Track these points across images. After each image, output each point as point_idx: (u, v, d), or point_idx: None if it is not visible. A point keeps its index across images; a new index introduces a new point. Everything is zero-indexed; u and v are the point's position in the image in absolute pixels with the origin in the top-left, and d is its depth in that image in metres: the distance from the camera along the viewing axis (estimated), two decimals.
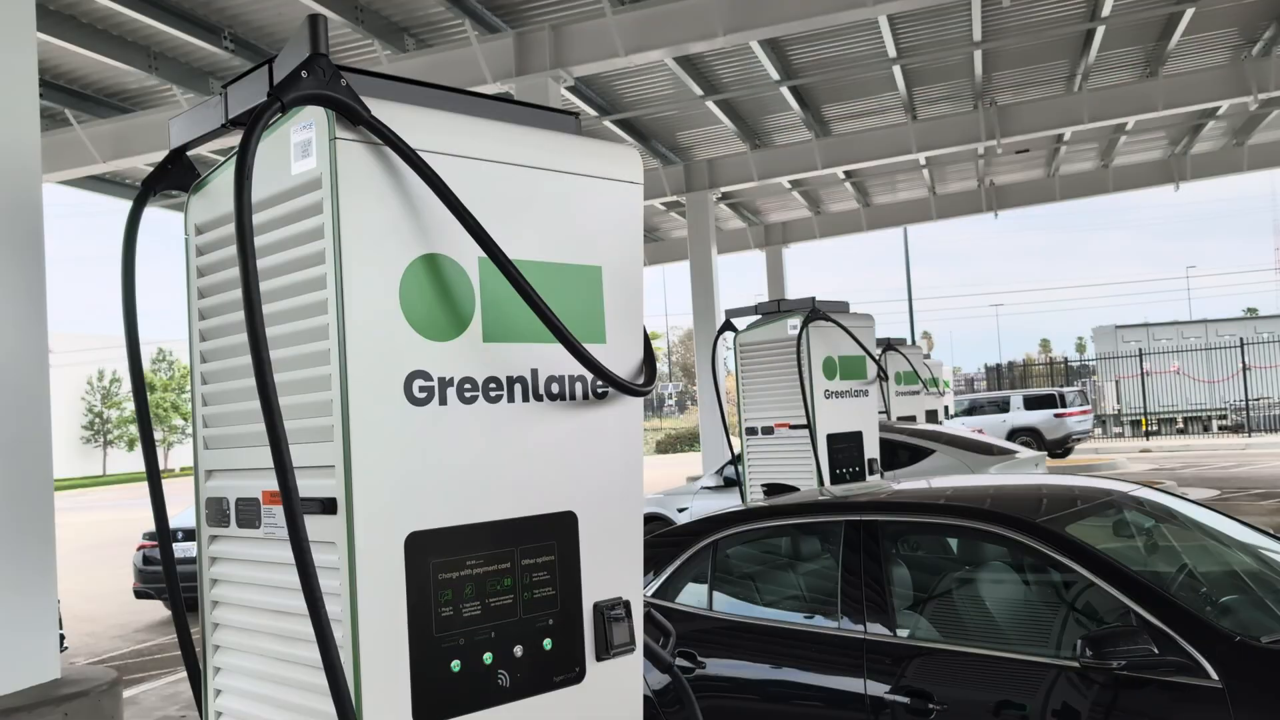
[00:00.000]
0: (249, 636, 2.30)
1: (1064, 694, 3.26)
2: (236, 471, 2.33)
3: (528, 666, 2.22)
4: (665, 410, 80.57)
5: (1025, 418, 26.68)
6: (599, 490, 2.39)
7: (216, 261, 2.39)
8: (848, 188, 19.36)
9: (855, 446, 8.11)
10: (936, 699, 3.47)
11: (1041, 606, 3.85)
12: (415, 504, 2.07)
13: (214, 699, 2.40)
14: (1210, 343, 32.93)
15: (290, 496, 1.85)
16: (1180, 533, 4.21)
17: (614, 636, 2.36)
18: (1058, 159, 18.69)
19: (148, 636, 11.19)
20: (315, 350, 2.07)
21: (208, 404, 2.42)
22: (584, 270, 2.40)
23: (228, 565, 2.37)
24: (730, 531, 4.37)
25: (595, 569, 2.37)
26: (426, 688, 2.06)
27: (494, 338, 2.22)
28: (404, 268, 2.09)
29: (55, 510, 4.30)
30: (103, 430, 62.94)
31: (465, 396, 2.16)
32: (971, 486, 4.43)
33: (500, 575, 2.19)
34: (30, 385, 4.15)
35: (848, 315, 8.25)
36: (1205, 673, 3.05)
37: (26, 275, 4.24)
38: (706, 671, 4.04)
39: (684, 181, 16.14)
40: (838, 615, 3.87)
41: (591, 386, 2.39)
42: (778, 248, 22.14)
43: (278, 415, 1.85)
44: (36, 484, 4.16)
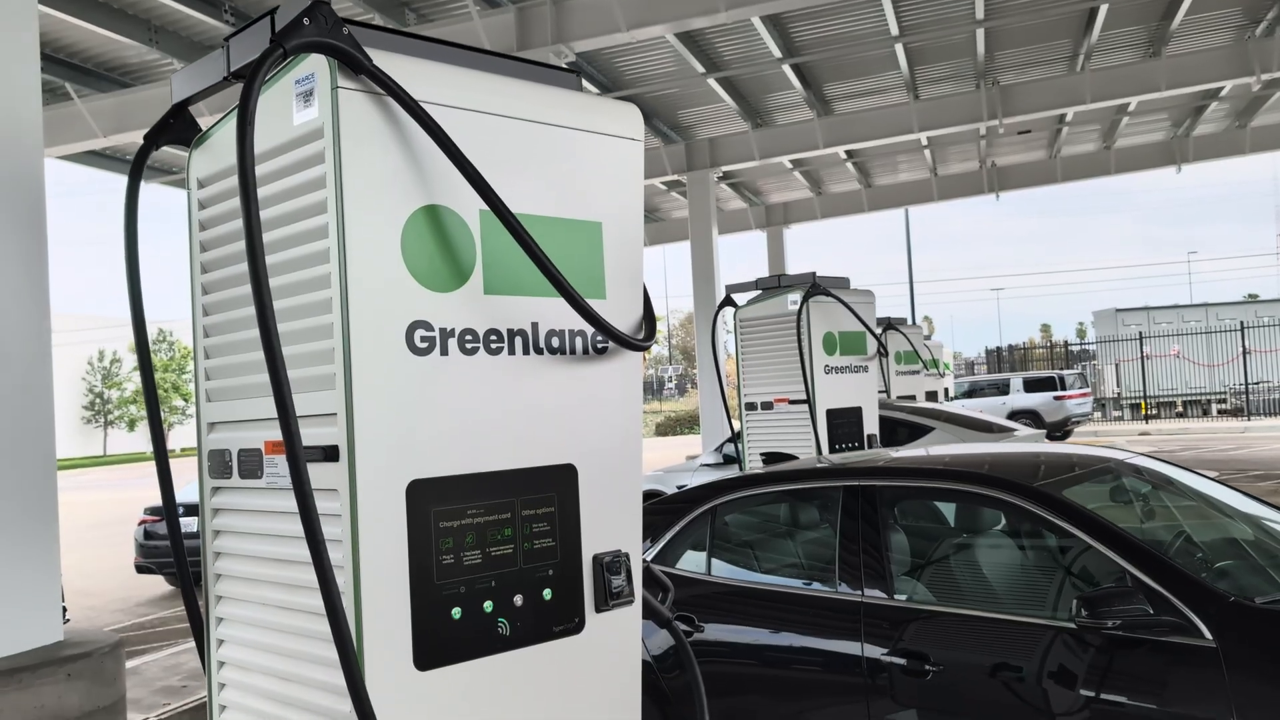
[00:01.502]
0: (251, 587, 2.33)
1: (1060, 655, 3.29)
2: (239, 423, 2.35)
3: (528, 615, 2.24)
4: (665, 393, 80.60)
5: (1025, 400, 26.71)
6: (598, 444, 2.41)
7: (219, 214, 2.40)
8: (849, 168, 19.32)
9: (854, 422, 8.13)
10: (933, 660, 3.50)
11: (1038, 570, 3.88)
12: (416, 452, 2.09)
13: (217, 649, 2.43)
14: (1210, 326, 32.92)
15: (293, 441, 1.86)
16: (1178, 500, 4.24)
17: (613, 588, 2.38)
18: (1059, 140, 18.64)
19: (149, 610, 11.24)
20: (317, 299, 2.09)
21: (210, 357, 2.44)
22: (584, 226, 2.41)
23: (230, 517, 2.40)
24: (728, 498, 4.40)
25: (594, 522, 2.39)
26: (427, 634, 2.08)
27: (495, 290, 2.23)
28: (405, 218, 2.10)
29: (57, 481, 4.33)
30: (103, 410, 62.98)
31: (466, 348, 2.18)
32: (970, 454, 4.45)
33: (500, 525, 2.21)
34: (31, 341, 4.17)
35: (848, 291, 8.26)
36: (1199, 632, 3.08)
37: (28, 247, 4.24)
38: (705, 636, 4.07)
39: (685, 160, 16.11)
40: (836, 580, 3.90)
41: (592, 341, 2.40)
42: (779, 228, 22.11)
43: (280, 362, 1.87)
44: (38, 449, 4.18)
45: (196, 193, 2.46)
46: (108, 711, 4.08)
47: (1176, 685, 3.07)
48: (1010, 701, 3.34)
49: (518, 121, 2.29)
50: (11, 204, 4.20)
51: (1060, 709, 3.25)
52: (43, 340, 4.28)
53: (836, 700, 3.71)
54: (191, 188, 2.48)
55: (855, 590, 3.81)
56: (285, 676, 2.22)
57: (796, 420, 8.00)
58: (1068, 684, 3.25)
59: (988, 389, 28.06)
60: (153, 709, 6.83)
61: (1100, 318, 35.67)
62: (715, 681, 4.00)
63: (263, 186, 2.19)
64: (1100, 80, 14.02)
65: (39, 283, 4.30)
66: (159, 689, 7.42)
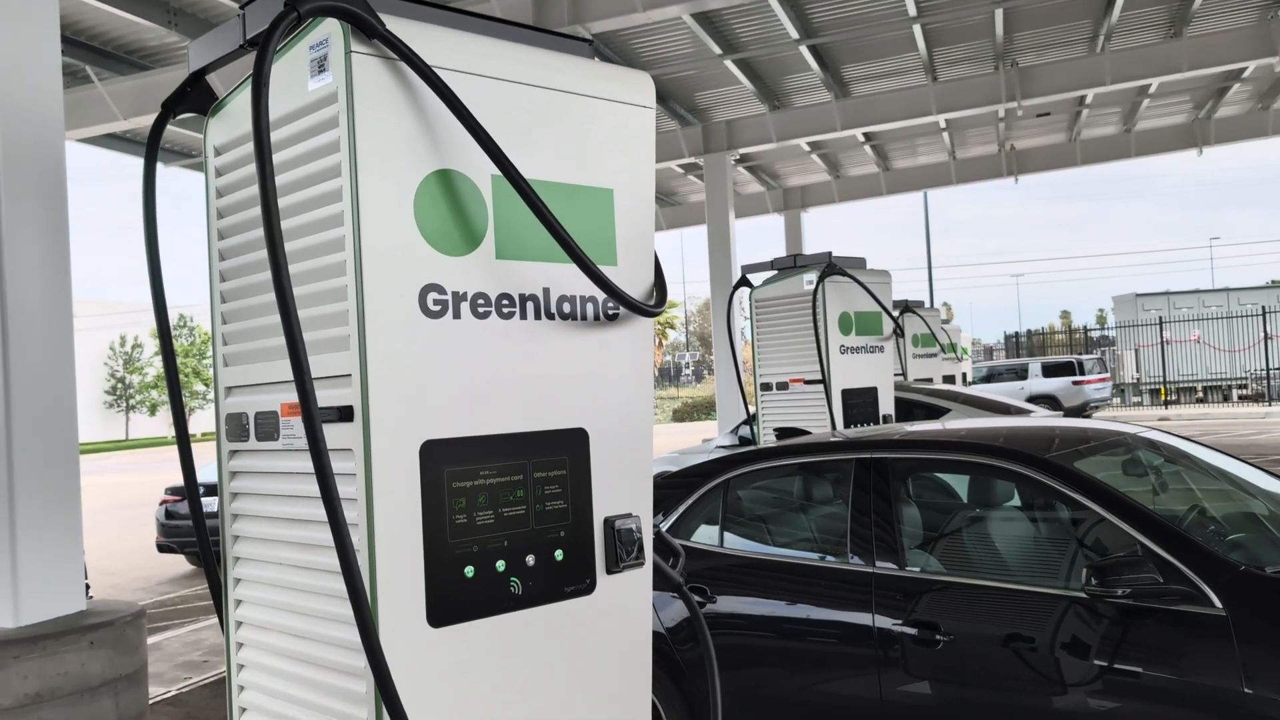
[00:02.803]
0: (268, 547, 2.37)
1: (1070, 624, 3.30)
2: (255, 386, 2.38)
3: (540, 575, 2.27)
4: (682, 379, 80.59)
5: (1043, 385, 26.60)
6: (610, 409, 2.43)
7: (236, 181, 2.43)
8: (867, 151, 19.23)
9: (870, 402, 8.14)
10: (944, 630, 3.52)
11: (1049, 541, 3.89)
12: (430, 413, 2.12)
13: (234, 609, 2.47)
14: (1232, 311, 32.67)
15: (308, 402, 1.90)
16: (1194, 474, 4.24)
17: (624, 551, 2.41)
18: (1079, 123, 18.50)
19: (170, 589, 11.37)
20: (332, 262, 2.12)
21: (227, 322, 2.47)
22: (596, 192, 2.43)
23: (247, 479, 2.44)
24: (741, 471, 4.42)
25: (606, 485, 2.41)
26: (441, 592, 2.12)
27: (507, 255, 2.26)
28: (418, 182, 2.13)
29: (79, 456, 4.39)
30: (125, 395, 63.49)
31: (478, 311, 2.21)
32: (985, 428, 4.46)
33: (513, 486, 2.24)
34: (53, 308, 4.22)
35: (864, 271, 8.25)
36: (1210, 601, 3.09)
37: (50, 227, 4.29)
38: (718, 608, 4.10)
39: (702, 143, 16.07)
40: (847, 551, 3.92)
41: (603, 308, 2.42)
42: (796, 212, 22.03)
43: (296, 324, 1.90)
44: (60, 422, 4.24)
45: (213, 160, 2.50)
46: (130, 680, 4.14)
47: (1186, 654, 3.08)
48: (1020, 670, 3.36)
49: (530, 88, 2.31)
50: (33, 184, 4.25)
51: (1071, 678, 3.27)
52: (64, 312, 4.33)
53: (848, 671, 3.73)
54: (208, 155, 2.51)
55: (867, 562, 3.83)
56: (302, 635, 2.26)
57: (812, 400, 8.02)
58: (1078, 653, 3.27)
59: (1006, 374, 27.95)
60: (174, 683, 6.93)
61: (1120, 303, 35.46)
62: (727, 653, 4.03)
63: (278, 152, 2.22)
64: (1120, 61, 13.90)
65: (60, 257, 4.35)
66: (180, 664, 7.52)
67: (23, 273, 4.12)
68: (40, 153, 4.27)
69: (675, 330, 74.71)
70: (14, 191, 4.11)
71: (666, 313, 63.42)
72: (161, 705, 6.32)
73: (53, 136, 4.36)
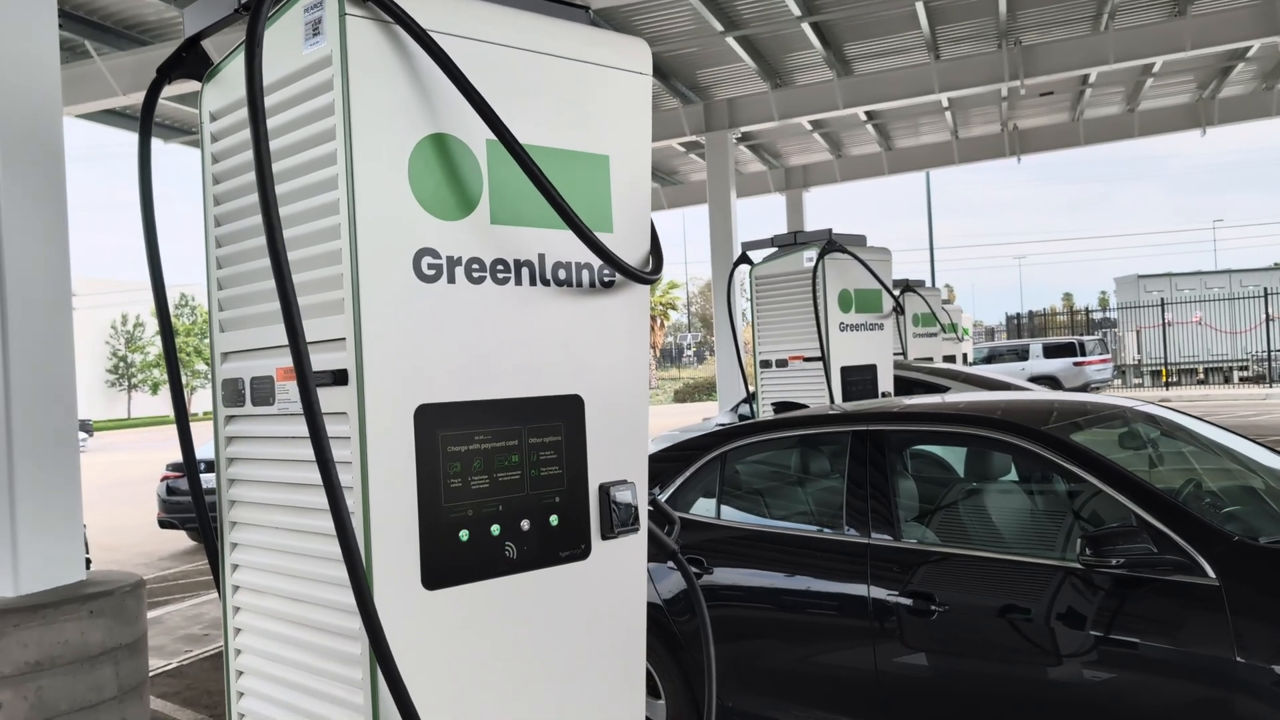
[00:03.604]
0: (264, 512, 2.38)
1: (1064, 594, 3.31)
2: (251, 351, 2.39)
3: (534, 540, 2.28)
4: (684, 360, 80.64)
5: (1044, 366, 26.61)
6: (605, 376, 2.44)
7: (231, 146, 2.43)
8: (869, 130, 19.17)
9: (869, 379, 8.15)
10: (938, 601, 3.54)
11: (1044, 512, 3.90)
12: (424, 377, 2.13)
13: (231, 574, 2.49)
14: (1234, 293, 32.62)
15: (302, 363, 1.90)
16: (1191, 448, 4.25)
17: (619, 517, 2.42)
18: (1083, 102, 18.43)
19: (172, 564, 11.42)
20: (326, 226, 2.12)
21: (223, 287, 2.48)
22: (591, 159, 2.42)
23: (244, 444, 2.44)
24: (738, 444, 4.43)
25: (601, 452, 2.42)
26: (435, 555, 2.13)
27: (501, 220, 2.26)
28: (413, 146, 2.13)
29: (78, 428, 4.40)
30: (126, 374, 63.60)
31: (473, 276, 2.21)
32: (982, 401, 4.46)
33: (508, 452, 2.25)
34: (52, 282, 4.22)
35: (864, 248, 8.24)
36: (1203, 571, 3.10)
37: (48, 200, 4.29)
38: (714, 579, 4.12)
39: (703, 121, 16.01)
40: (843, 523, 3.93)
41: (598, 275, 2.42)
42: (798, 191, 21.99)
43: (290, 286, 1.91)
44: (59, 393, 4.25)
45: (209, 126, 2.49)
46: (130, 649, 4.16)
47: (1180, 623, 3.10)
48: (1014, 640, 3.38)
49: (526, 53, 2.30)
50: (31, 159, 4.24)
51: (1065, 648, 3.28)
52: (62, 286, 4.33)
53: (843, 642, 3.75)
54: (204, 121, 2.51)
55: (862, 533, 3.85)
56: (297, 598, 2.27)
57: (811, 377, 8.03)
58: (1072, 623, 3.28)
59: (1007, 354, 27.96)
60: (175, 655, 6.97)
61: (1122, 284, 35.40)
62: (724, 624, 4.05)
63: (272, 116, 2.22)
64: (1124, 40, 13.83)
65: (58, 229, 4.35)
66: (181, 637, 7.56)
67: (21, 245, 4.12)
68: (38, 127, 4.26)
69: (677, 311, 74.62)
70: (11, 166, 4.11)
71: (667, 294, 63.34)
72: (162, 677, 6.36)
73: (50, 111, 4.34)
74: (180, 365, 2.66)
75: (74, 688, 3.91)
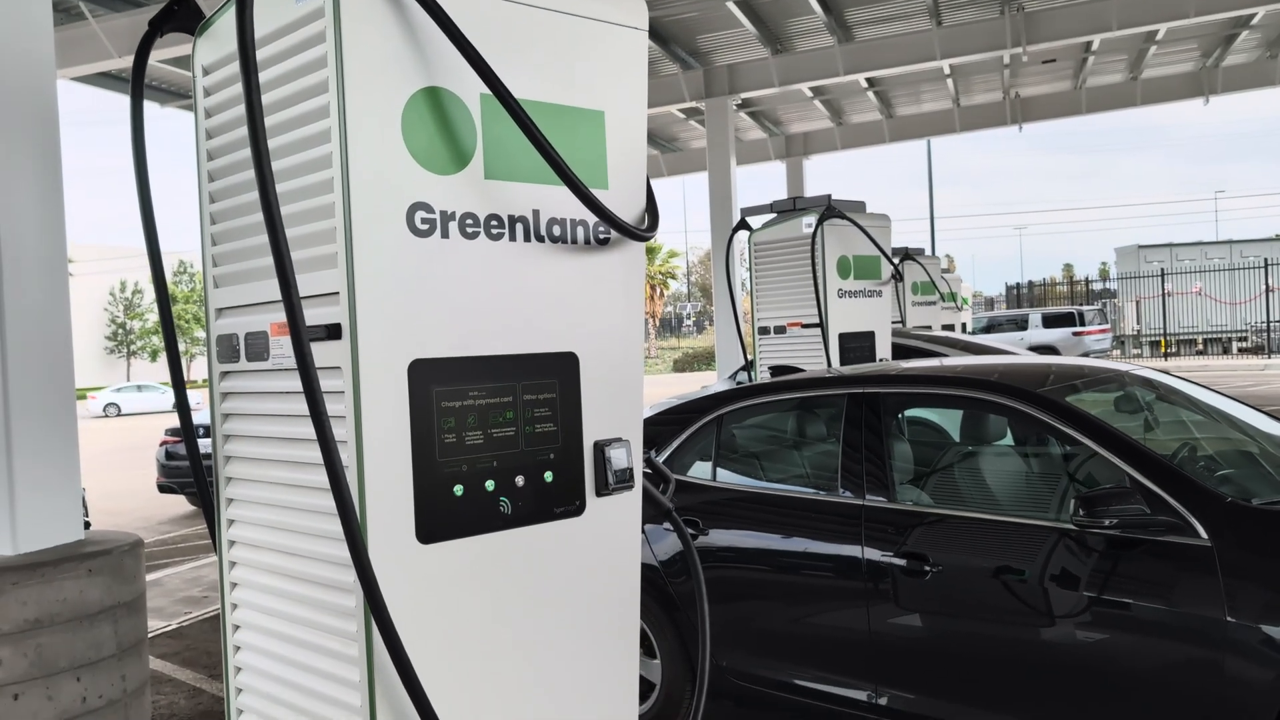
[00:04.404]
0: (260, 467, 2.38)
1: (1058, 555, 3.33)
2: (245, 307, 2.39)
3: (529, 496, 2.29)
4: (684, 330, 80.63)
5: (1043, 336, 26.60)
6: (600, 334, 2.44)
7: (223, 101, 2.41)
8: (870, 97, 19.05)
9: (867, 346, 8.15)
10: (932, 561, 3.55)
11: (1038, 474, 3.91)
12: (418, 332, 2.12)
13: (227, 529, 2.50)
14: (1235, 264, 32.56)
15: (295, 316, 1.90)
16: (1187, 412, 4.25)
17: (613, 474, 2.43)
18: (1085, 70, 18.30)
19: (171, 528, 11.47)
20: (319, 180, 2.11)
21: (217, 243, 2.47)
22: (586, 114, 2.41)
23: (238, 400, 2.45)
24: (734, 407, 4.43)
25: (596, 409, 2.42)
26: (430, 509, 2.13)
27: (496, 175, 2.24)
28: (406, 99, 2.11)
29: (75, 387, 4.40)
30: (125, 341, 63.58)
31: (467, 231, 2.20)
32: (979, 364, 4.46)
33: (502, 408, 2.25)
34: (47, 243, 4.21)
35: (864, 215, 8.21)
36: (1195, 532, 3.11)
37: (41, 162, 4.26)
38: (710, 541, 4.14)
39: (703, 87, 15.91)
40: (838, 485, 3.94)
41: (593, 231, 2.41)
42: (798, 159, 21.88)
43: (283, 239, 1.91)
44: (57, 352, 4.25)
45: (201, 80, 2.47)
46: (128, 607, 4.19)
47: (1172, 584, 3.11)
48: (1007, 600, 3.40)
49: (520, 6, 2.28)
50: (24, 120, 4.22)
51: (1058, 608, 3.30)
52: (58, 247, 4.32)
53: (837, 603, 3.77)
54: (196, 75, 2.49)
55: (857, 495, 3.86)
56: (293, 552, 2.28)
57: (809, 344, 8.02)
58: (1065, 583, 3.30)
59: (1006, 324, 27.94)
60: (174, 617, 7.01)
61: (1123, 254, 35.34)
62: (719, 585, 4.07)
63: (265, 70, 2.20)
64: (1127, 6, 13.72)
65: (53, 185, 4.32)
66: (180, 599, 7.60)
67: (16, 206, 4.10)
68: (31, 89, 4.23)
69: (676, 281, 74.50)
70: (5, 127, 4.08)
71: (667, 263, 63.15)
72: (162, 638, 6.40)
73: (43, 72, 4.31)
74: (177, 331, 2.66)
75: (73, 645, 3.94)
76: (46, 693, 3.86)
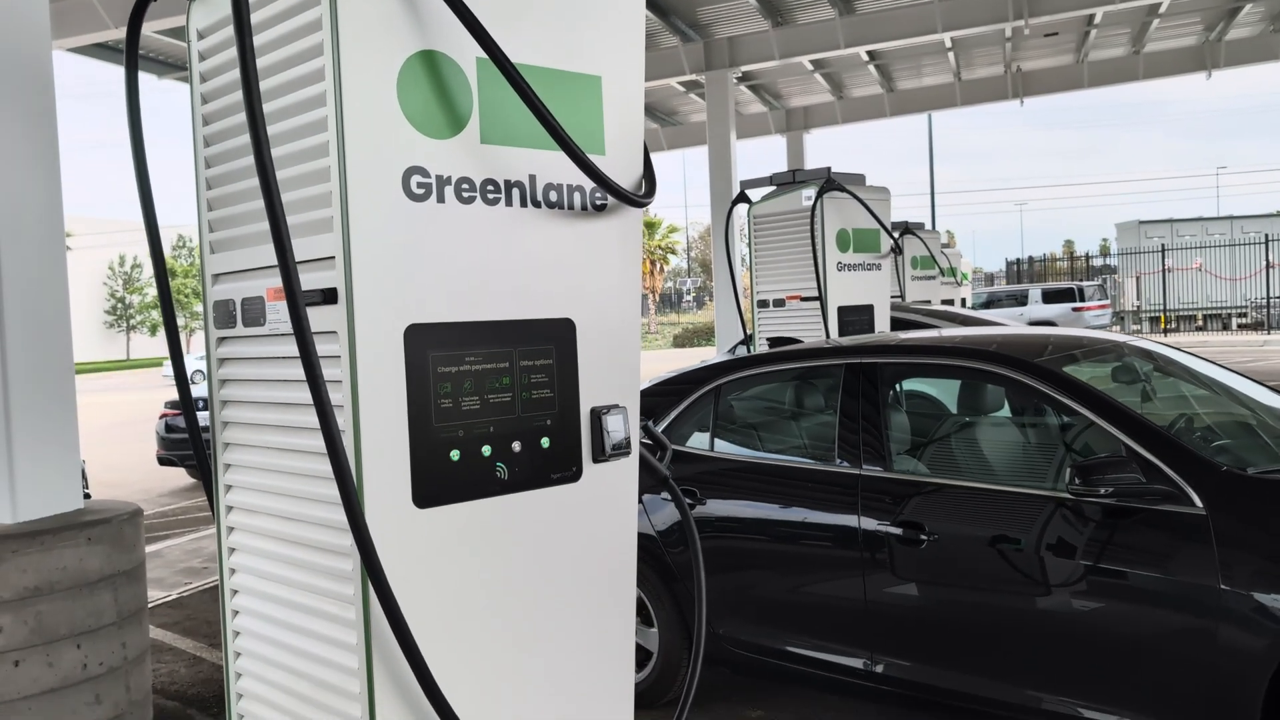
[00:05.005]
0: (256, 432, 2.39)
1: (1054, 524, 3.34)
2: (241, 273, 2.38)
3: (525, 462, 2.29)
4: (684, 306, 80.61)
5: (1042, 311, 26.60)
6: (597, 300, 2.43)
7: (218, 65, 2.40)
8: (871, 71, 18.95)
9: (866, 320, 8.14)
10: (928, 530, 3.57)
11: (1035, 444, 3.92)
12: (414, 297, 2.12)
13: (225, 494, 2.50)
14: (1235, 240, 32.49)
15: (291, 280, 1.90)
16: (1185, 383, 4.26)
17: (610, 441, 2.43)
18: (1087, 44, 18.19)
19: (171, 500, 11.50)
20: (315, 144, 2.10)
21: (213, 209, 2.46)
22: (583, 79, 2.39)
23: (235, 366, 2.45)
24: (732, 377, 4.44)
25: (593, 375, 2.42)
26: (426, 474, 2.14)
27: (491, 140, 2.24)
28: (401, 63, 2.10)
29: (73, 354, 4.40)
30: (125, 315, 63.55)
31: (463, 196, 2.19)
32: (977, 335, 4.46)
33: (499, 374, 2.25)
34: (44, 212, 4.20)
35: (863, 188, 8.19)
36: (1190, 501, 3.12)
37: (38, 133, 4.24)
38: (707, 510, 4.15)
39: (703, 60, 15.82)
40: (835, 455, 3.95)
41: (590, 197, 2.41)
42: (799, 133, 21.79)
43: (278, 202, 1.90)
44: (54, 321, 4.25)
45: (196, 45, 2.46)
46: (128, 576, 4.21)
47: (1168, 552, 3.13)
48: (1002, 568, 3.41)
49: None
50: (20, 90, 4.19)
51: (1054, 577, 3.32)
52: (54, 216, 4.31)
53: (834, 572, 3.79)
54: (191, 40, 2.47)
55: (854, 465, 3.87)
56: (290, 516, 2.29)
57: (808, 318, 8.02)
58: (1061, 552, 3.31)
59: (1006, 300, 27.94)
60: (175, 587, 7.05)
61: (1123, 230, 35.28)
62: (716, 555, 4.09)
63: (259, 33, 2.19)
64: None
65: (49, 154, 4.31)
66: (180, 570, 7.64)
67: (12, 176, 4.09)
68: (26, 59, 4.20)
69: (676, 256, 74.36)
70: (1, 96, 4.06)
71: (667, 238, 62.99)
72: (162, 608, 6.43)
73: (39, 42, 4.28)
74: (177, 305, 2.65)
75: (73, 612, 3.96)
76: (47, 659, 3.88)
